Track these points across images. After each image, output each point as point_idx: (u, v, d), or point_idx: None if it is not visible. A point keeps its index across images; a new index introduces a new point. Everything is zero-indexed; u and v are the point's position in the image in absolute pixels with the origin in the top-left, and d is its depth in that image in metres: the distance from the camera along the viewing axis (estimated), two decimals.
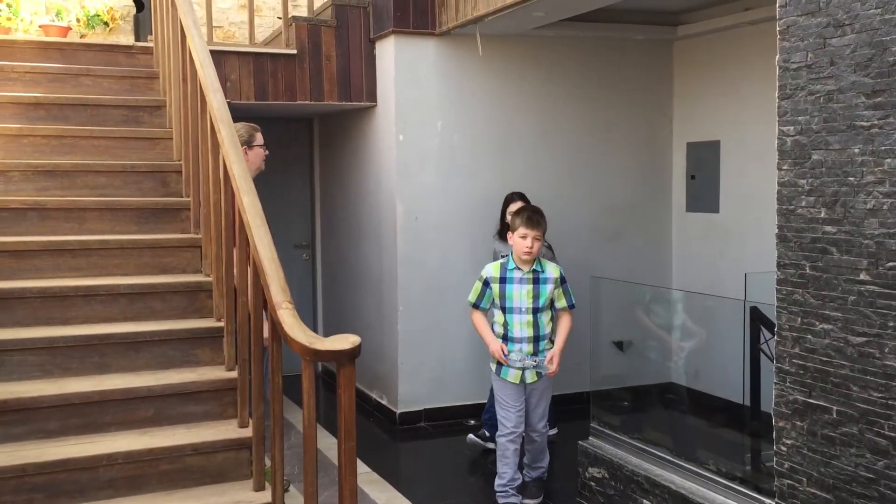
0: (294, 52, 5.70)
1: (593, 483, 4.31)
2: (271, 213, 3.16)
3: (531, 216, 4.25)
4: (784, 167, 3.07)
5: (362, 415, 5.80)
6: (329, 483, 4.19)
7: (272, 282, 2.79)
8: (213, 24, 6.16)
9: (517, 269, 4.24)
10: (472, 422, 5.71)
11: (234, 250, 3.37)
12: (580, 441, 4.43)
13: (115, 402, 3.27)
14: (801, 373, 3.04)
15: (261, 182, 3.63)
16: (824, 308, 2.94)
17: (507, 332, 4.23)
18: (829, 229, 2.91)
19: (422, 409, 5.88)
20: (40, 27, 6.70)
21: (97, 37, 6.87)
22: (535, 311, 4.21)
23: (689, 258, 6.35)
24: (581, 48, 6.12)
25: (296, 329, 2.61)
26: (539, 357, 4.21)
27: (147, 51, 5.32)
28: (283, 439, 2.93)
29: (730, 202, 5.95)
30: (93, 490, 3.03)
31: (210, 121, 3.52)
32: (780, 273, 3.11)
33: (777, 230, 3.11)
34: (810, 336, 3.00)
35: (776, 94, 3.09)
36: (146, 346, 3.51)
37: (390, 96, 5.72)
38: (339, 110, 6.43)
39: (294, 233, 7.33)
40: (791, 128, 3.03)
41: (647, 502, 3.94)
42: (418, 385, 5.87)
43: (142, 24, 7.02)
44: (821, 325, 2.96)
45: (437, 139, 5.79)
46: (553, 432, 5.09)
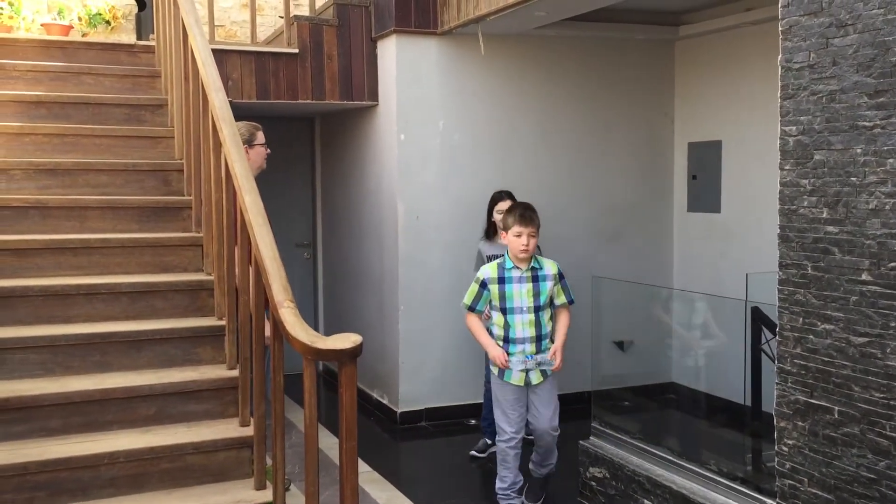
0: (296, 51, 5.70)
1: (594, 483, 4.31)
2: (272, 212, 3.16)
3: (524, 213, 4.14)
4: (786, 167, 3.07)
5: (363, 414, 5.80)
6: (330, 482, 4.19)
7: (274, 281, 2.79)
8: (215, 22, 6.16)
9: (515, 268, 4.15)
10: (473, 421, 5.71)
11: (236, 249, 3.38)
12: (581, 441, 4.42)
13: (117, 401, 3.28)
14: (803, 373, 3.04)
15: (262, 181, 3.63)
16: (826, 308, 2.94)
17: (507, 333, 4.13)
18: (830, 229, 2.91)
19: (423, 408, 5.89)
20: (42, 26, 6.71)
21: (99, 35, 6.87)
22: (537, 309, 4.13)
23: (690, 258, 6.35)
24: (582, 48, 6.12)
25: (297, 328, 2.61)
26: (541, 354, 4.13)
27: (149, 49, 5.33)
28: (284, 438, 2.93)
29: (731, 202, 5.95)
30: (94, 488, 3.04)
31: (212, 119, 3.52)
32: (781, 273, 3.11)
33: (779, 230, 3.10)
34: (812, 336, 3.00)
35: (778, 94, 3.08)
36: (148, 344, 3.52)
37: (392, 96, 5.72)
38: (340, 109, 6.44)
39: (295, 232, 7.33)
40: (793, 128, 3.03)
41: (648, 502, 3.94)
42: (419, 384, 5.87)
43: (143, 23, 7.03)
44: (822, 326, 2.96)
45: (439, 139, 5.79)
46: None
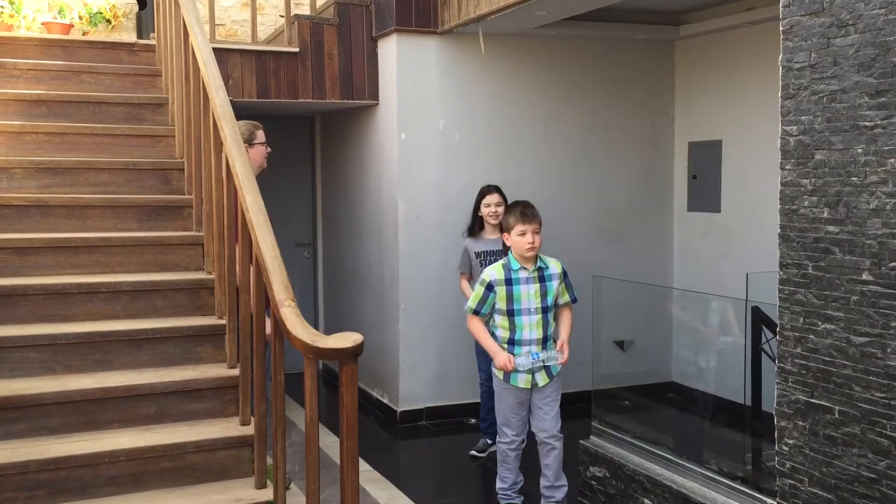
0: (296, 50, 5.70)
1: (594, 482, 4.31)
2: (272, 212, 3.16)
3: (525, 211, 4.04)
4: (787, 167, 3.07)
5: (363, 413, 5.80)
6: (330, 481, 4.19)
7: (275, 280, 2.79)
8: (216, 21, 6.16)
9: (522, 268, 4.04)
10: (473, 420, 5.71)
11: (237, 247, 3.37)
12: (581, 440, 4.42)
13: (117, 400, 3.28)
14: (804, 373, 3.04)
15: (262, 180, 3.63)
16: (827, 308, 2.94)
17: (513, 335, 4.04)
18: (831, 229, 2.91)
19: (423, 407, 5.89)
20: (42, 24, 6.71)
21: (99, 34, 6.87)
22: (545, 310, 4.04)
23: (690, 258, 6.35)
24: (583, 47, 6.12)
25: (298, 327, 2.61)
26: (547, 351, 4.04)
27: (149, 48, 5.33)
28: (284, 437, 2.93)
29: (731, 202, 5.95)
30: (95, 487, 3.04)
31: (213, 118, 3.52)
32: (782, 273, 3.11)
33: (779, 230, 3.10)
34: (812, 336, 3.00)
35: (779, 94, 3.08)
36: (148, 343, 3.52)
37: (392, 95, 5.72)
38: (341, 108, 6.43)
39: (295, 231, 7.33)
40: (794, 127, 3.03)
41: (648, 502, 3.94)
42: (419, 383, 5.87)
43: (144, 22, 7.04)
44: (823, 325, 2.96)
45: (439, 138, 5.79)
46: None
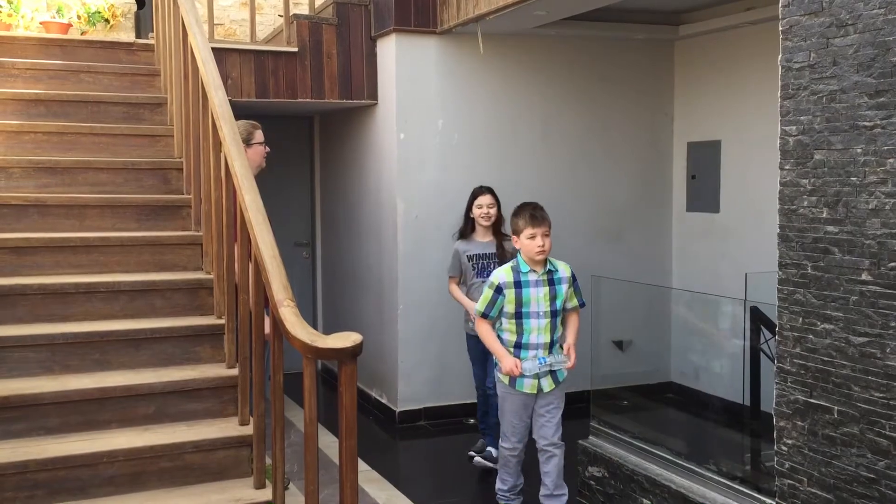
0: (295, 49, 5.69)
1: (593, 482, 4.31)
2: (271, 211, 3.16)
3: (534, 213, 3.99)
4: (786, 167, 3.07)
5: (362, 413, 5.80)
6: (329, 481, 4.18)
7: (274, 279, 2.79)
8: (214, 21, 6.15)
9: (532, 271, 3.98)
10: (472, 420, 5.71)
11: (236, 247, 3.37)
12: (580, 440, 4.42)
13: (116, 400, 3.27)
14: (803, 373, 3.04)
15: (261, 180, 3.62)
16: (826, 308, 2.94)
17: (520, 338, 3.97)
18: (830, 229, 2.91)
19: (421, 407, 5.89)
20: (41, 24, 6.70)
21: (98, 34, 6.87)
22: (553, 314, 3.98)
23: (689, 258, 6.35)
24: (582, 47, 6.12)
25: (297, 327, 2.60)
26: (553, 356, 3.98)
27: (148, 48, 5.32)
28: (283, 437, 2.93)
29: (730, 202, 5.95)
30: (93, 487, 3.04)
31: (211, 118, 3.52)
32: (781, 273, 3.11)
33: (779, 230, 3.10)
34: (811, 336, 3.00)
35: (778, 94, 3.09)
36: (146, 343, 3.51)
37: (391, 94, 5.72)
38: (339, 108, 6.43)
39: (294, 231, 7.33)
40: (793, 127, 3.03)
41: (647, 501, 3.93)
42: (418, 384, 5.87)
43: (142, 22, 7.03)
44: (822, 325, 2.96)
45: (438, 138, 5.78)
46: None
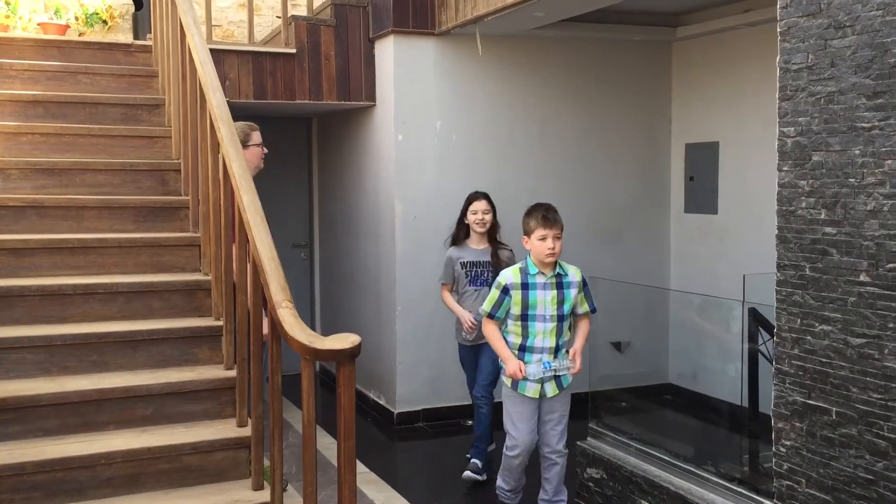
0: (293, 51, 5.69)
1: (591, 483, 4.30)
2: (269, 213, 3.15)
3: (546, 214, 3.89)
4: (784, 168, 3.07)
5: (360, 414, 5.79)
6: (327, 482, 4.18)
7: (272, 281, 2.78)
8: (212, 22, 6.15)
9: (540, 273, 3.90)
10: (470, 422, 5.70)
11: (234, 247, 3.37)
12: (578, 441, 4.42)
13: (114, 401, 3.27)
14: (801, 374, 3.04)
15: (259, 181, 3.62)
16: (824, 309, 2.94)
17: (525, 342, 3.92)
18: (829, 230, 2.91)
19: (420, 409, 5.88)
20: (39, 25, 6.69)
21: (96, 35, 6.86)
22: (560, 318, 3.91)
23: (687, 259, 6.36)
24: (580, 49, 6.12)
25: (296, 328, 2.60)
26: (559, 360, 3.92)
27: (146, 49, 5.31)
28: (282, 439, 2.92)
29: (728, 203, 5.96)
30: (91, 489, 3.03)
31: (209, 119, 3.51)
32: (779, 274, 3.11)
33: (777, 231, 3.11)
34: (810, 337, 3.00)
35: (776, 96, 3.09)
36: (144, 344, 3.51)
37: (389, 96, 5.72)
38: (337, 110, 6.43)
39: (292, 232, 7.33)
40: (791, 129, 3.03)
41: (645, 503, 3.93)
42: (416, 385, 5.87)
43: (140, 23, 7.02)
44: (820, 327, 2.96)
45: (436, 139, 5.78)
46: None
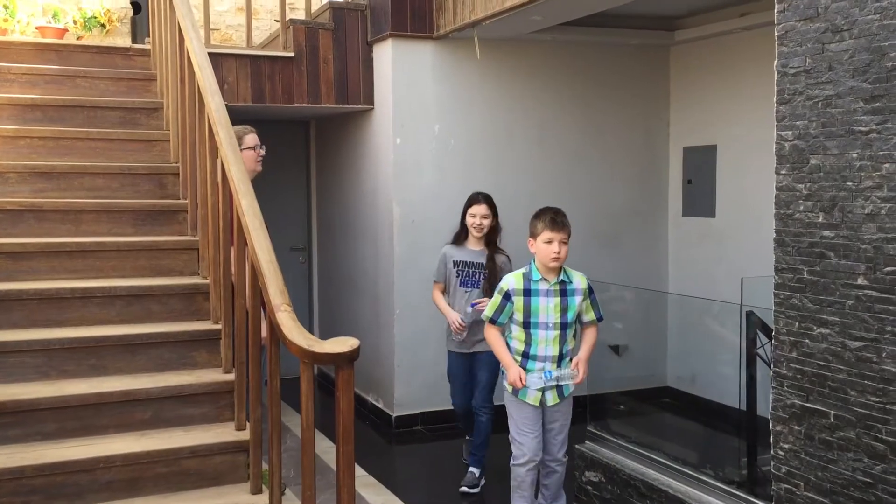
0: (291, 54, 5.70)
1: (590, 487, 4.30)
2: (267, 216, 3.15)
3: (555, 218, 3.77)
4: (782, 172, 3.07)
5: (358, 418, 5.76)
6: (325, 486, 4.18)
7: (270, 284, 2.78)
8: (211, 26, 6.15)
9: (543, 279, 3.79)
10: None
11: (232, 251, 3.37)
12: (577, 445, 4.42)
13: (113, 405, 3.27)
14: (799, 377, 3.05)
15: (257, 184, 3.62)
16: (822, 312, 2.95)
17: (528, 349, 3.81)
18: (826, 234, 2.92)
19: (418, 412, 5.88)
20: (37, 29, 6.68)
21: (94, 39, 6.85)
22: (563, 326, 3.80)
23: (685, 263, 6.36)
24: (578, 53, 6.13)
25: (294, 332, 2.60)
26: (561, 369, 3.82)
27: (144, 53, 5.32)
28: (280, 442, 2.92)
29: (726, 207, 5.96)
30: (90, 492, 3.03)
31: (208, 123, 3.52)
32: (777, 277, 3.11)
33: (775, 234, 3.11)
34: (808, 340, 3.00)
35: (774, 99, 3.09)
36: (143, 348, 3.51)
37: (387, 99, 5.72)
38: (336, 113, 6.43)
39: (290, 236, 7.32)
40: (789, 132, 3.04)
41: None
42: (414, 388, 5.86)
43: (139, 26, 7.03)
44: (818, 330, 2.96)
45: (435, 143, 5.79)
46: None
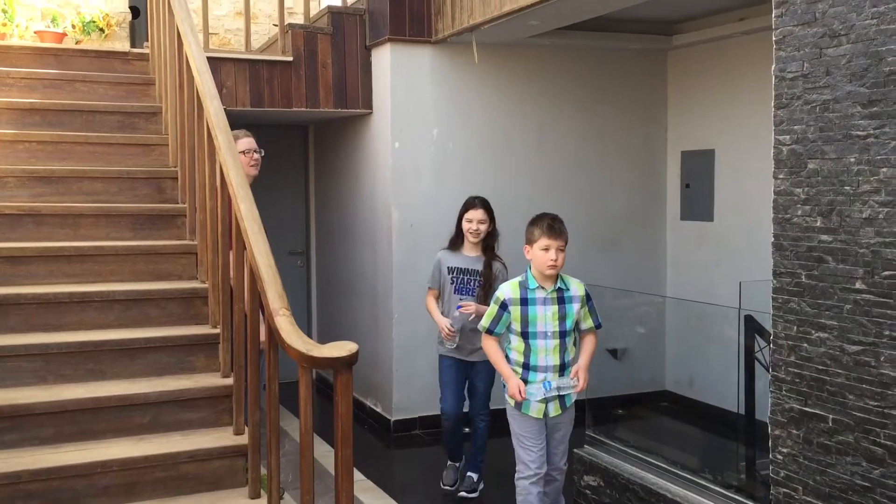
0: (290, 59, 5.70)
1: (589, 491, 4.30)
2: (266, 221, 3.15)
3: (552, 224, 3.70)
4: (780, 176, 3.08)
5: (356, 422, 5.68)
6: (323, 490, 4.17)
7: (269, 288, 2.78)
8: (209, 30, 6.16)
9: (539, 287, 3.71)
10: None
11: (231, 255, 3.37)
12: (575, 449, 4.41)
13: (110, 409, 3.27)
14: (797, 381, 3.05)
15: (255, 189, 3.61)
16: (820, 317, 2.95)
17: (528, 360, 3.72)
18: (824, 238, 2.92)
19: (416, 416, 5.87)
20: (35, 33, 6.70)
21: (93, 43, 6.87)
22: (563, 335, 3.72)
23: (683, 267, 6.36)
24: (577, 57, 6.14)
25: (293, 336, 2.60)
26: (562, 379, 3.73)
27: (143, 57, 5.32)
28: (279, 447, 2.92)
29: (724, 211, 5.97)
30: (88, 497, 3.02)
31: (206, 127, 3.52)
32: (775, 282, 3.12)
33: (773, 239, 3.11)
34: (806, 345, 3.01)
35: (772, 104, 3.10)
36: (141, 352, 3.50)
37: (386, 104, 5.73)
38: (334, 117, 6.44)
39: (289, 240, 7.32)
40: (787, 137, 3.04)
41: None
42: (413, 393, 5.86)
43: (137, 31, 7.04)
44: (816, 334, 2.97)
45: (433, 147, 5.79)
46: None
